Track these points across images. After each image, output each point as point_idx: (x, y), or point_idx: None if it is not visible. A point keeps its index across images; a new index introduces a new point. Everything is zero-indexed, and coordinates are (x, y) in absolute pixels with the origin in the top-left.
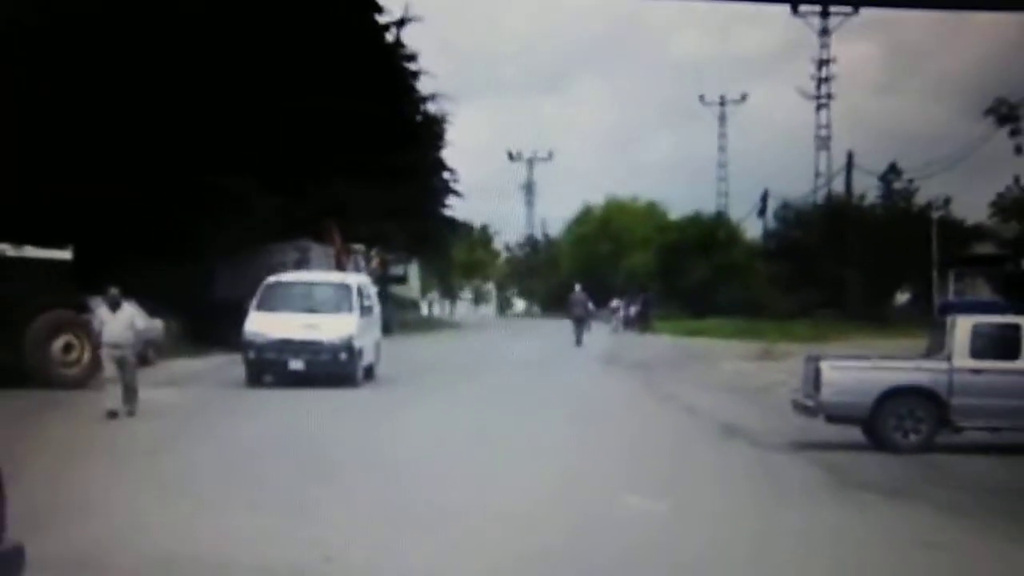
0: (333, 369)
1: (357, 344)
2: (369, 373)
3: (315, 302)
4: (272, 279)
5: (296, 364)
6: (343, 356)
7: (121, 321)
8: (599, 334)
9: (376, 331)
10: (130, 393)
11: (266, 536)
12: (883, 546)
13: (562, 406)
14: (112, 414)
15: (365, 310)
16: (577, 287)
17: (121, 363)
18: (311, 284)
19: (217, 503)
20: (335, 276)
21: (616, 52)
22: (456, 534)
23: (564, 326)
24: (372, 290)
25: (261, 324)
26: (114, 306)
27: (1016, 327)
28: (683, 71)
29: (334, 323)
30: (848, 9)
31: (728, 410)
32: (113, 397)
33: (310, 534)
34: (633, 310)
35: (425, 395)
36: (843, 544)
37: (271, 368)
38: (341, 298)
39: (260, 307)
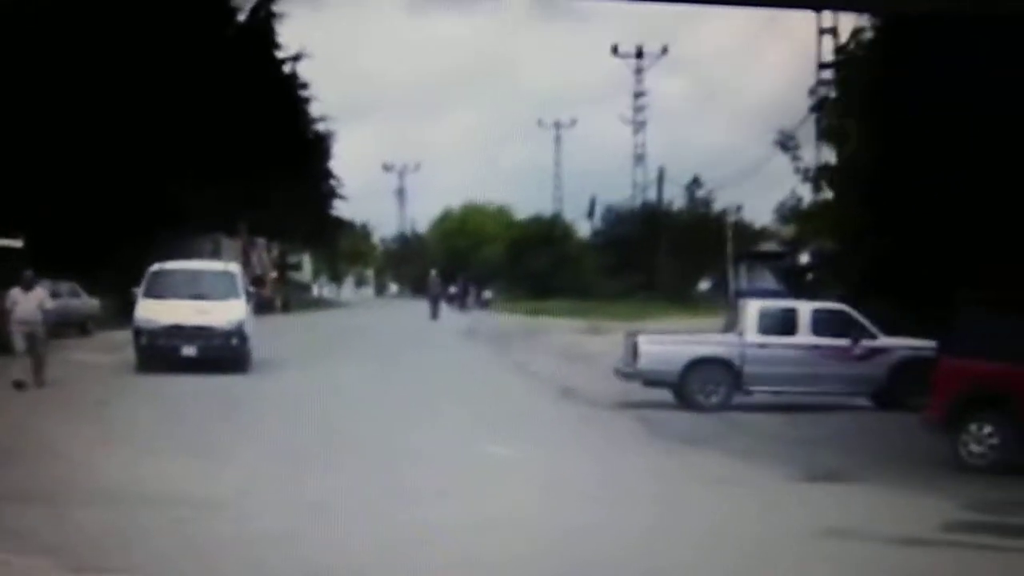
0: (225, 355)
1: (248, 329)
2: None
3: (203, 288)
4: (156, 267)
5: (188, 350)
6: (235, 341)
7: (32, 301)
8: (449, 312)
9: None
10: (39, 366)
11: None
12: (687, 481)
13: (427, 369)
14: (19, 384)
15: (249, 296)
16: (433, 273)
17: (31, 338)
18: (197, 272)
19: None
20: (217, 264)
21: (477, 80)
22: (348, 472)
23: (426, 305)
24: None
25: (151, 310)
26: (27, 287)
27: (793, 309)
28: (529, 98)
29: (224, 309)
30: (658, 51)
31: (564, 375)
32: (21, 369)
33: (212, 468)
34: (468, 293)
35: (318, 351)
36: (656, 480)
37: (163, 354)
38: (228, 285)
39: (148, 294)
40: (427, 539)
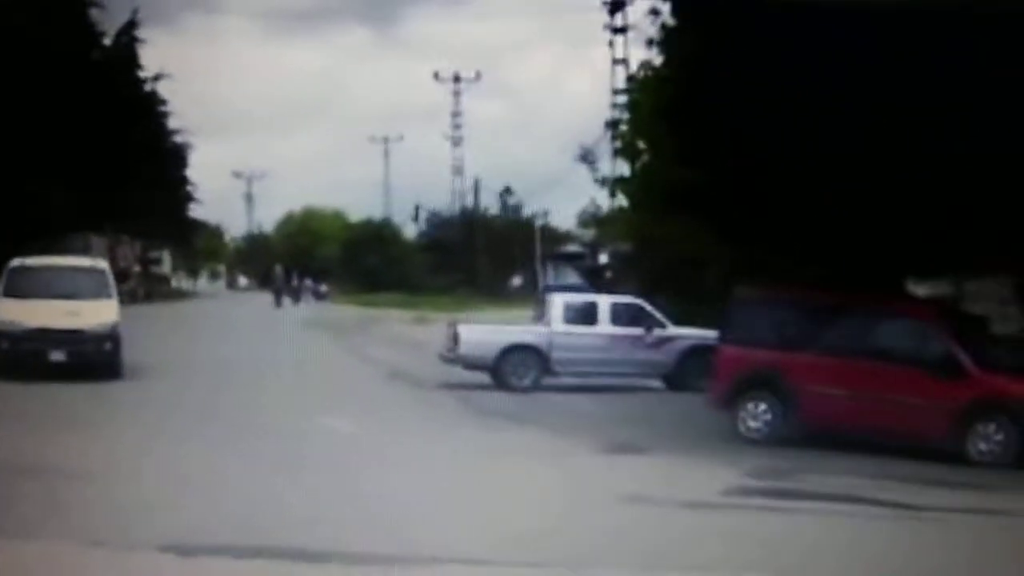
0: (98, 360)
1: (122, 332)
2: None
3: (71, 287)
4: (16, 262)
5: (57, 355)
6: (108, 346)
7: None
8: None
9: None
10: None
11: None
12: (503, 453)
13: (272, 353)
14: None
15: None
16: (277, 268)
17: None
18: (63, 268)
19: None
20: (86, 260)
21: (319, 100)
22: (207, 444)
23: (271, 296)
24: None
25: (13, 312)
26: None
27: (594, 303)
28: (363, 116)
29: (95, 310)
30: (474, 75)
31: (394, 359)
32: None
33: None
34: (307, 287)
35: (180, 339)
36: (475, 451)
37: (28, 360)
38: (98, 283)
39: (8, 293)
40: (273, 504)
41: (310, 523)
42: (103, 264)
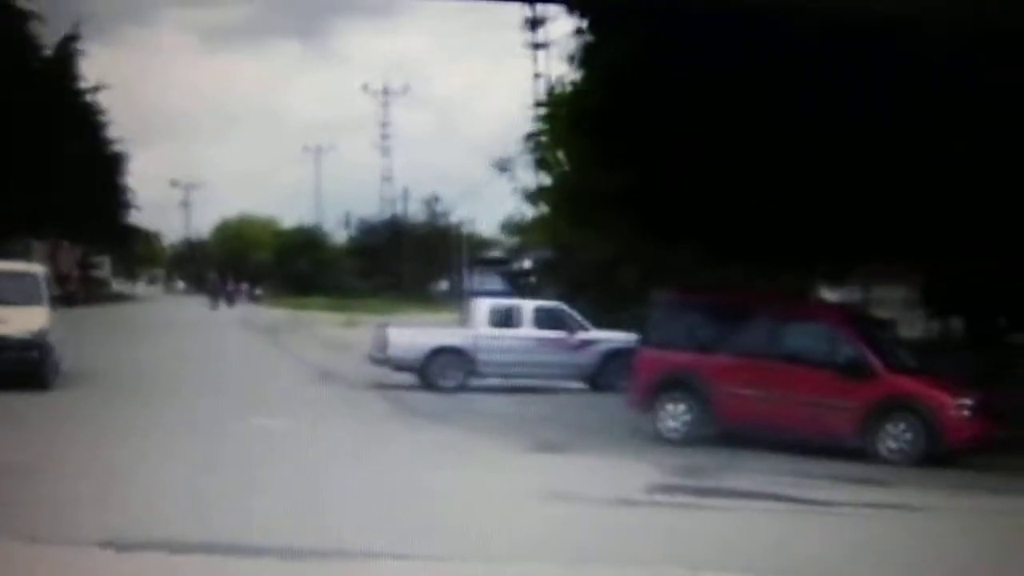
0: (22, 368)
1: (52, 339)
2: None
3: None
4: None
5: None
6: (34, 354)
7: None
8: (224, 306)
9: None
10: None
11: None
12: (431, 451)
13: (207, 353)
14: None
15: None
16: (212, 272)
17: None
18: None
19: None
20: (18, 265)
21: (254, 111)
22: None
23: (207, 299)
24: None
25: None
26: None
27: (517, 307)
28: (297, 127)
29: (23, 316)
30: (401, 88)
31: (325, 360)
32: None
33: None
34: (241, 290)
35: (114, 335)
36: (406, 450)
37: None
38: (29, 288)
39: None
40: (209, 501)
41: (245, 519)
42: (37, 269)
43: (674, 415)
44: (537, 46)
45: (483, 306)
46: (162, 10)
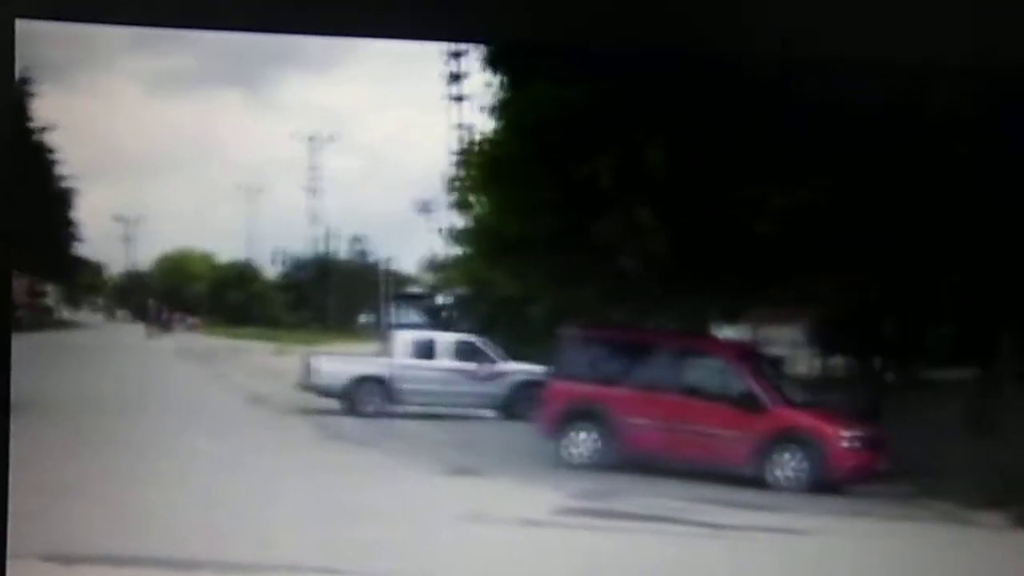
0: None
1: None
2: None
3: None
4: None
5: None
6: None
7: None
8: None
9: None
10: None
11: None
12: (353, 472)
13: (143, 378)
14: None
15: None
16: (151, 302)
17: None
18: None
19: None
20: None
21: (194, 152)
22: (86, 460)
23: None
24: None
25: None
26: None
27: (434, 340)
28: (233, 168)
29: None
30: (329, 135)
31: (255, 386)
32: None
33: None
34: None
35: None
36: (329, 471)
37: None
38: None
39: None
40: (146, 517)
41: (181, 534)
42: None
43: (579, 443)
44: (457, 99)
45: (403, 338)
46: (112, 58)
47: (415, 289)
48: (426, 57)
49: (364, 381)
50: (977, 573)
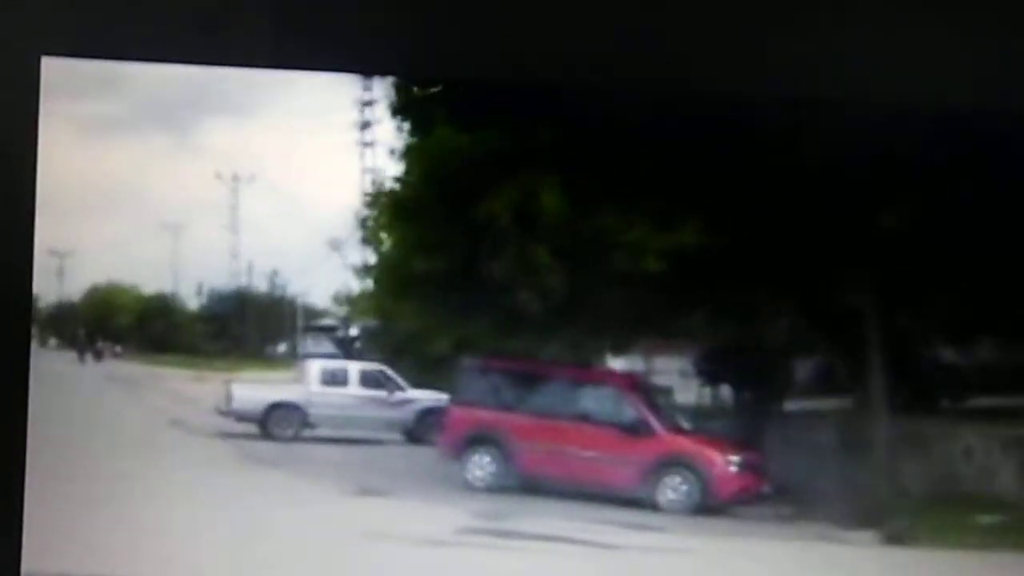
0: None
1: None
2: None
3: None
4: None
5: None
6: None
7: None
8: (90, 362)
9: None
10: None
11: None
12: (266, 493)
13: (73, 399)
14: None
15: None
16: (81, 331)
17: None
18: None
19: None
20: None
21: (123, 192)
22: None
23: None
24: None
25: None
26: None
27: (345, 368)
28: (155, 207)
29: None
30: (249, 176)
31: (176, 411)
32: None
33: None
34: (106, 346)
35: None
36: (243, 492)
37: None
38: None
39: None
40: (65, 536)
41: (100, 552)
42: None
43: (480, 466)
44: (367, 144)
45: (315, 367)
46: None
47: (327, 321)
48: (339, 105)
49: (279, 407)
50: None
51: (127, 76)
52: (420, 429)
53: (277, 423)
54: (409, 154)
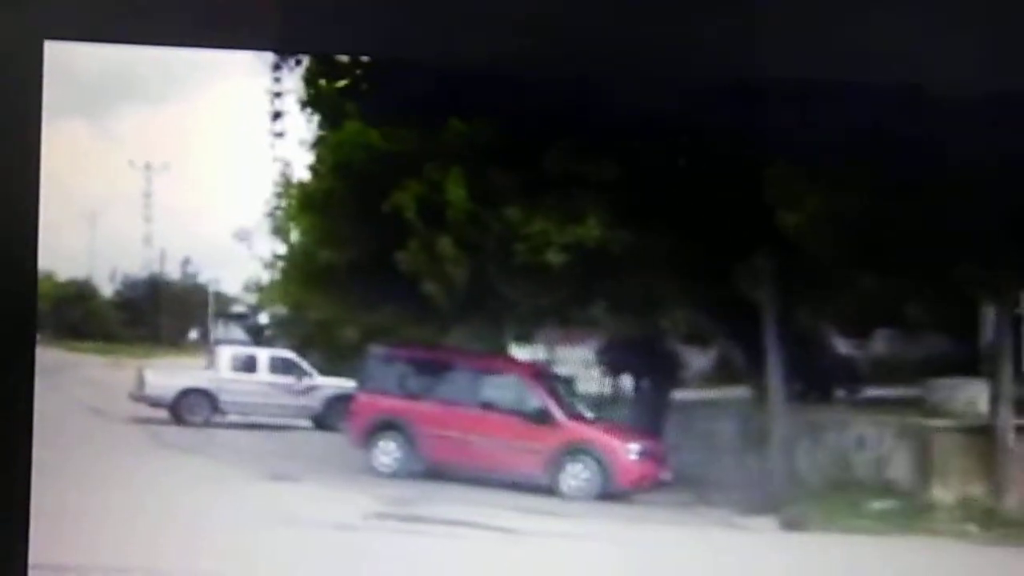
0: None
1: None
2: None
3: None
4: None
5: None
6: None
7: None
8: None
9: None
10: None
11: None
12: (180, 478)
13: None
14: None
15: None
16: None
17: None
18: None
19: None
20: None
21: (41, 184)
22: None
23: None
24: None
25: None
26: None
27: (255, 355)
28: (72, 194)
29: None
30: (163, 164)
31: (91, 397)
32: None
33: None
34: None
35: None
36: (159, 476)
37: None
38: None
39: None
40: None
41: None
42: None
43: (386, 452)
44: (278, 134)
45: (226, 353)
46: None
47: (239, 308)
48: (252, 96)
49: (190, 393)
50: (749, 571)
51: (50, 60)
52: (328, 416)
53: (188, 409)
54: (318, 145)
